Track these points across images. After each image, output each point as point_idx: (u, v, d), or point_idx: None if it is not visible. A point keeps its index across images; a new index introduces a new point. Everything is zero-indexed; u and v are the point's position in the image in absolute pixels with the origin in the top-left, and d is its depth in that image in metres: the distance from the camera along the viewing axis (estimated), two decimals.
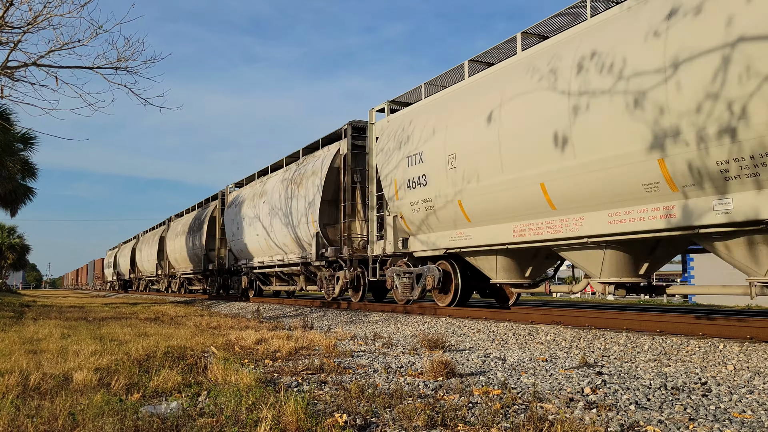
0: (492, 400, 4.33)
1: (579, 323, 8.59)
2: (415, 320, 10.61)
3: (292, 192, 17.27)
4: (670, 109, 6.73)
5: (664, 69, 6.76)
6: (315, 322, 12.06)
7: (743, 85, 6.04)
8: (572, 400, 4.34)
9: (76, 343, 7.58)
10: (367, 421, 3.76)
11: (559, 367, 5.90)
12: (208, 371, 5.39)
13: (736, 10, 6.12)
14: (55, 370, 5.47)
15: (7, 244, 54.45)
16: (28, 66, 10.73)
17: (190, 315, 14.45)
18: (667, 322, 7.65)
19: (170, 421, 3.65)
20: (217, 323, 11.47)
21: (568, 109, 7.99)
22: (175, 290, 32.87)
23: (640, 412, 3.97)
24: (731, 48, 6.12)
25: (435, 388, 4.81)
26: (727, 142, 6.27)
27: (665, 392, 4.62)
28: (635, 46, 7.15)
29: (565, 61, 8.17)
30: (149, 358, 6.36)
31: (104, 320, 12.56)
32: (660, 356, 6.26)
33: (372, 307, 13.86)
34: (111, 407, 3.91)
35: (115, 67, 10.88)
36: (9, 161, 23.20)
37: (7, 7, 10.22)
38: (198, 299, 26.31)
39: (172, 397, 4.39)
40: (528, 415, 3.76)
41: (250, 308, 17.41)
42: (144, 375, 5.21)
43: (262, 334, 8.82)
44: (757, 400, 4.34)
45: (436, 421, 3.69)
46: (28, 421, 3.59)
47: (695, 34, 6.47)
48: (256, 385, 4.62)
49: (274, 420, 3.54)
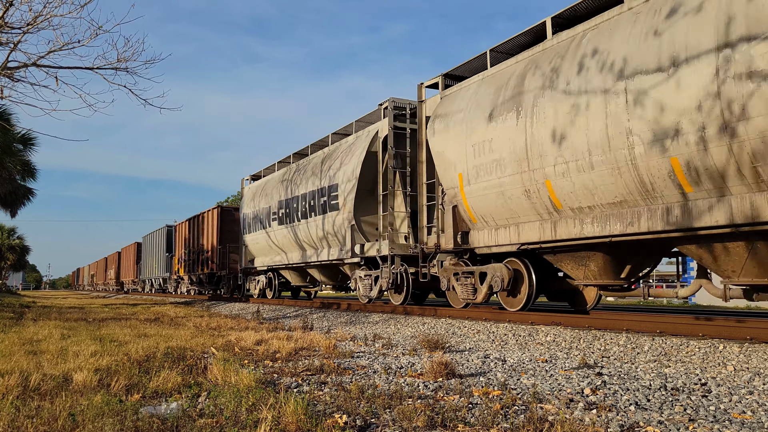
0: (492, 400, 4.33)
1: (579, 324, 8.59)
2: (415, 321, 10.61)
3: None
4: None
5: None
6: (315, 323, 12.05)
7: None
8: (572, 401, 4.34)
9: (76, 344, 7.58)
10: (367, 421, 3.76)
11: (559, 367, 5.90)
12: (208, 372, 5.39)
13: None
14: (55, 370, 5.47)
15: (7, 246, 54.44)
16: (28, 66, 10.72)
17: (189, 316, 14.44)
18: (667, 323, 7.65)
19: (170, 421, 3.65)
20: (217, 324, 11.46)
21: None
22: (183, 291, 32.71)
23: (640, 413, 3.97)
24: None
25: (435, 388, 4.81)
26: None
27: (665, 393, 4.62)
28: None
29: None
30: (149, 358, 6.36)
31: (104, 321, 12.56)
32: (660, 357, 6.26)
33: (372, 308, 13.85)
34: (111, 408, 3.91)
35: (115, 68, 10.87)
36: (9, 162, 23.20)
37: (7, 8, 10.22)
38: (198, 300, 26.30)
39: (172, 398, 4.39)
40: (528, 416, 3.76)
41: (249, 309, 17.40)
42: (144, 376, 5.21)
43: (262, 335, 8.82)
44: (757, 400, 4.34)
45: (436, 421, 3.69)
46: (28, 422, 3.59)
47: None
48: (256, 385, 4.62)
49: (274, 421, 3.54)
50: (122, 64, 10.79)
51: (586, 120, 8.03)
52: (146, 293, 42.13)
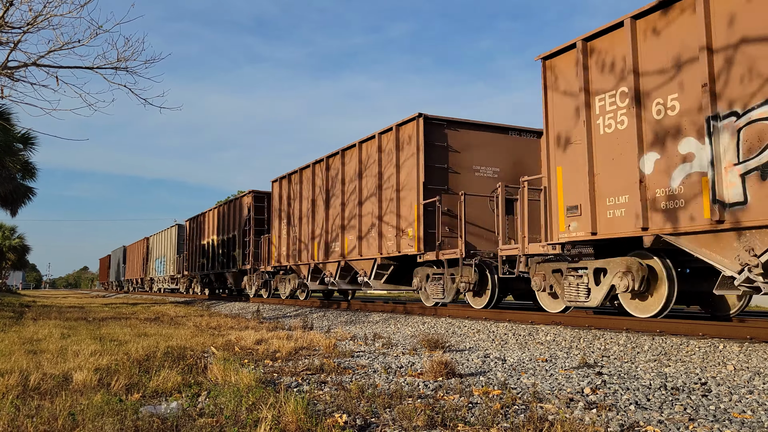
0: (492, 400, 4.33)
1: (579, 323, 8.59)
2: (415, 320, 10.61)
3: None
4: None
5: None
6: (315, 323, 12.06)
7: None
8: (572, 401, 4.34)
9: (75, 344, 7.58)
10: (367, 421, 3.76)
11: (559, 367, 5.90)
12: (208, 371, 5.39)
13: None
14: (54, 370, 5.47)
15: (8, 245, 54.46)
16: (28, 66, 10.73)
17: (189, 315, 14.45)
18: (667, 322, 7.65)
19: (170, 421, 3.65)
20: (217, 323, 11.47)
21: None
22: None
23: (640, 413, 3.97)
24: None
25: (435, 388, 4.81)
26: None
27: (665, 392, 4.62)
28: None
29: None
30: (149, 358, 6.36)
31: (104, 320, 12.56)
32: (660, 356, 6.26)
33: (372, 307, 13.86)
34: (111, 407, 3.91)
35: (115, 67, 10.89)
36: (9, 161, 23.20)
37: (7, 7, 10.23)
38: (198, 299, 26.28)
39: (172, 398, 4.39)
40: (528, 416, 3.76)
41: (249, 308, 17.40)
42: (144, 375, 5.21)
43: (262, 335, 8.82)
44: (757, 400, 4.34)
45: (436, 421, 3.69)
46: (28, 421, 3.59)
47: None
48: (256, 385, 4.62)
49: (274, 420, 3.54)
50: (122, 63, 10.82)
51: None
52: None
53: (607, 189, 8.15)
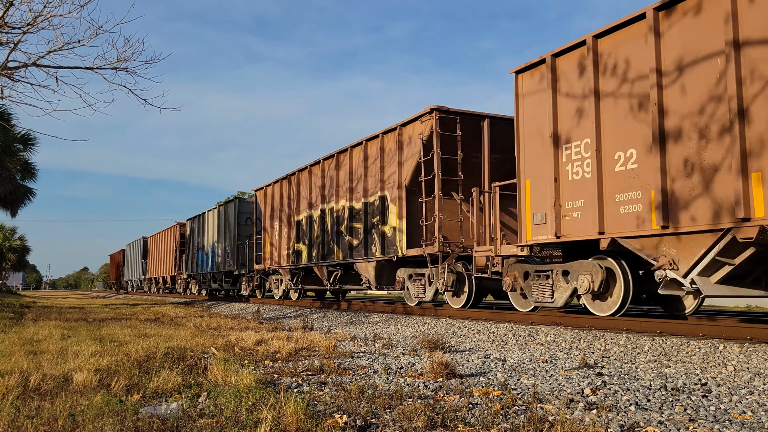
0: (492, 401, 4.33)
1: (579, 324, 8.59)
2: (415, 321, 10.61)
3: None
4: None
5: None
6: (315, 323, 12.06)
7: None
8: (572, 401, 4.34)
9: (76, 344, 7.58)
10: (367, 422, 3.76)
11: (559, 367, 5.90)
12: (208, 372, 5.39)
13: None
14: (55, 371, 5.47)
15: (8, 246, 54.47)
16: (28, 66, 10.73)
17: (190, 316, 14.45)
18: (667, 323, 7.65)
19: (170, 422, 3.65)
20: (217, 324, 11.47)
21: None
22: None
23: (640, 413, 3.97)
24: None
25: (435, 389, 4.81)
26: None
27: (665, 393, 4.62)
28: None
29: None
30: (149, 359, 6.36)
31: (104, 321, 12.56)
32: (660, 357, 6.26)
33: (372, 307, 13.86)
34: (111, 408, 3.91)
35: (115, 68, 10.88)
36: (9, 162, 23.22)
37: (7, 8, 10.23)
38: (198, 300, 26.28)
39: (172, 398, 4.39)
40: (528, 416, 3.76)
41: (250, 309, 17.40)
42: (144, 376, 5.21)
43: (262, 335, 8.82)
44: (757, 401, 4.34)
45: (436, 422, 3.69)
46: (28, 422, 3.59)
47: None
48: (256, 385, 4.62)
49: (274, 421, 3.54)
50: (122, 63, 10.82)
51: None
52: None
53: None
